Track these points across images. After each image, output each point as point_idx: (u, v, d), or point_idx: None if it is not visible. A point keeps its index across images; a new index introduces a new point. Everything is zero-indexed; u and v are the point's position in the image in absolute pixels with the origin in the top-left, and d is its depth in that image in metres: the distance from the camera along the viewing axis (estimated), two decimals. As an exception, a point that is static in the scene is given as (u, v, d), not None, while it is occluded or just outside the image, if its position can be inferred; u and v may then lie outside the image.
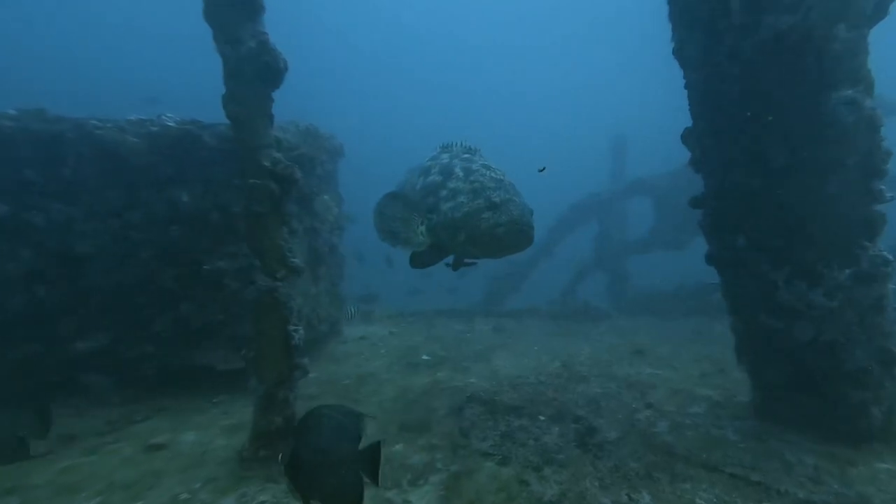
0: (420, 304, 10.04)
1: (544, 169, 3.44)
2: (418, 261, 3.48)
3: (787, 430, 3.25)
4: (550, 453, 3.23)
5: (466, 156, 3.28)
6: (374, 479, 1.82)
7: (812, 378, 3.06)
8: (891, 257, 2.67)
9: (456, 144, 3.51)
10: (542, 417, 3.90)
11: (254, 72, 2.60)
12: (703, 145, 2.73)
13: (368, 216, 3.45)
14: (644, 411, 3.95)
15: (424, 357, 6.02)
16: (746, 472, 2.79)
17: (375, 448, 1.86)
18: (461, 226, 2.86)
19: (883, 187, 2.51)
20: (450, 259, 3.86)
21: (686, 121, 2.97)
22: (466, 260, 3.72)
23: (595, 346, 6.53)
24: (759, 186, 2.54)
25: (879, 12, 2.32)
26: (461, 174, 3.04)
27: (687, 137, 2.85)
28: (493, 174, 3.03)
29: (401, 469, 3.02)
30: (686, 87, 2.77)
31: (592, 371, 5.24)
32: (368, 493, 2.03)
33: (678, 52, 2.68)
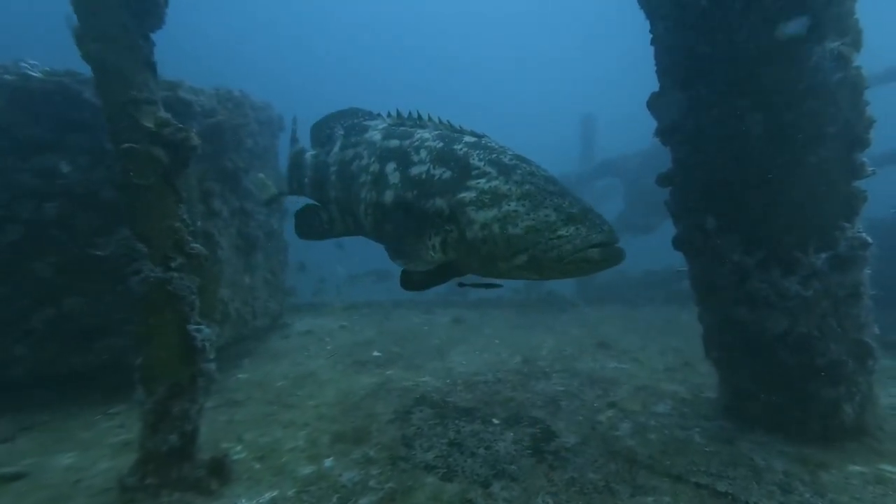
0: (380, 294, 9.58)
1: None
2: (414, 282, 2.51)
3: (757, 430, 3.08)
4: (502, 464, 2.93)
5: (470, 139, 2.42)
6: None
7: (783, 374, 2.87)
8: (869, 239, 2.48)
9: (428, 117, 2.66)
10: (496, 421, 3.60)
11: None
12: (670, 112, 2.44)
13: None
14: (606, 411, 3.72)
15: (375, 354, 5.61)
16: (713, 481, 2.57)
17: None
18: (521, 246, 2.02)
19: (865, 160, 2.30)
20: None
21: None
22: (491, 281, 2.68)
23: (559, 338, 6.32)
24: (733, 158, 2.27)
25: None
26: (493, 171, 2.17)
27: (653, 102, 2.54)
28: (540, 171, 2.23)
29: (327, 491, 2.63)
30: (652, 41, 2.45)
31: (554, 366, 5.01)
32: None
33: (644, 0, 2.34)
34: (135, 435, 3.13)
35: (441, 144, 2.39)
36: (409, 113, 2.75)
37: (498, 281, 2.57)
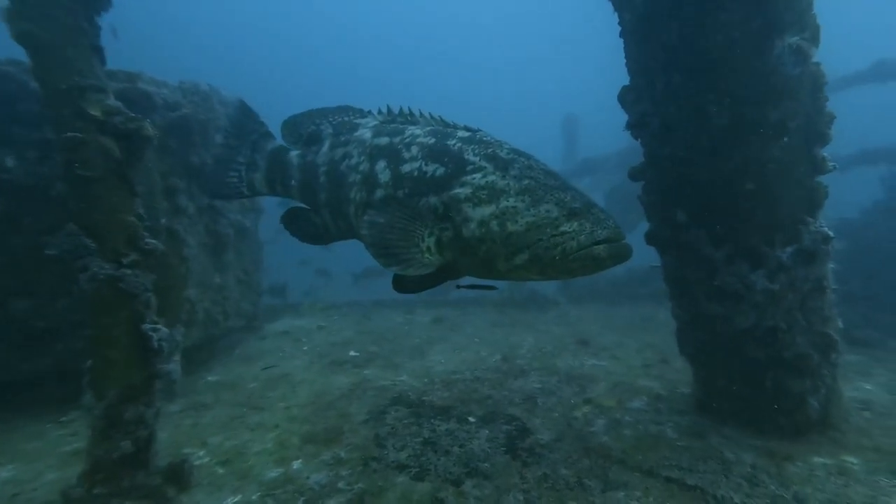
0: (360, 294, 9.48)
1: None
2: (406, 285, 2.35)
3: (728, 424, 3.13)
4: (476, 462, 2.90)
5: (464, 133, 2.31)
6: None
7: (752, 368, 2.91)
8: (831, 233, 2.53)
9: (420, 113, 2.55)
10: (472, 419, 3.57)
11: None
12: (640, 105, 2.44)
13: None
14: (582, 408, 3.73)
15: (352, 353, 5.53)
16: (683, 475, 2.59)
17: None
18: (521, 244, 1.92)
19: (826, 154, 2.35)
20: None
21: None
22: (489, 282, 2.59)
23: (539, 336, 6.33)
24: (700, 152, 2.29)
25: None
26: (489, 165, 2.08)
27: (623, 96, 2.55)
28: (538, 164, 2.14)
29: (293, 494, 2.55)
30: (621, 33, 2.45)
31: (533, 364, 5.01)
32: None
33: (612, -10, 2.35)
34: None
35: (433, 140, 2.29)
36: (401, 109, 2.63)
37: (494, 284, 2.47)
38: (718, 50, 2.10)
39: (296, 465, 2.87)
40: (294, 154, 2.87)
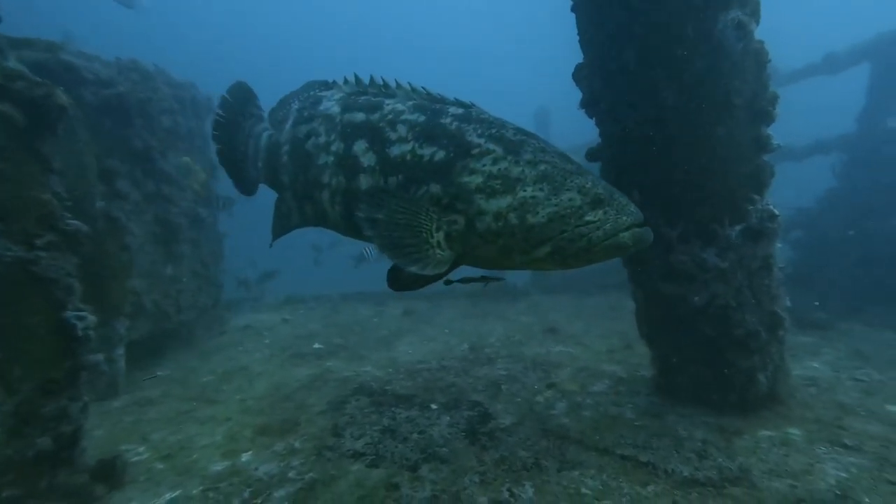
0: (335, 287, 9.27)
1: None
2: (404, 280, 2.11)
3: (684, 403, 3.20)
4: (434, 447, 2.86)
5: (457, 110, 2.07)
6: None
7: (705, 346, 2.98)
8: (777, 212, 2.60)
9: (397, 83, 2.26)
10: (434, 406, 3.53)
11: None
12: (592, 82, 2.43)
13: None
14: (545, 392, 3.74)
15: (316, 346, 5.40)
16: (637, 453, 2.62)
17: None
18: (544, 236, 1.79)
19: (770, 133, 2.40)
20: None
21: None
22: (494, 274, 2.38)
23: (509, 326, 6.36)
24: (651, 130, 2.30)
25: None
26: (497, 149, 1.88)
27: (577, 74, 2.54)
28: (549, 146, 1.96)
29: (239, 486, 2.44)
30: (573, 8, 2.42)
31: (501, 352, 5.01)
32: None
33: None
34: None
35: (423, 118, 2.04)
36: (371, 78, 2.31)
37: (500, 273, 2.33)
38: (665, 25, 2.10)
39: (245, 457, 2.76)
40: (265, 134, 2.64)
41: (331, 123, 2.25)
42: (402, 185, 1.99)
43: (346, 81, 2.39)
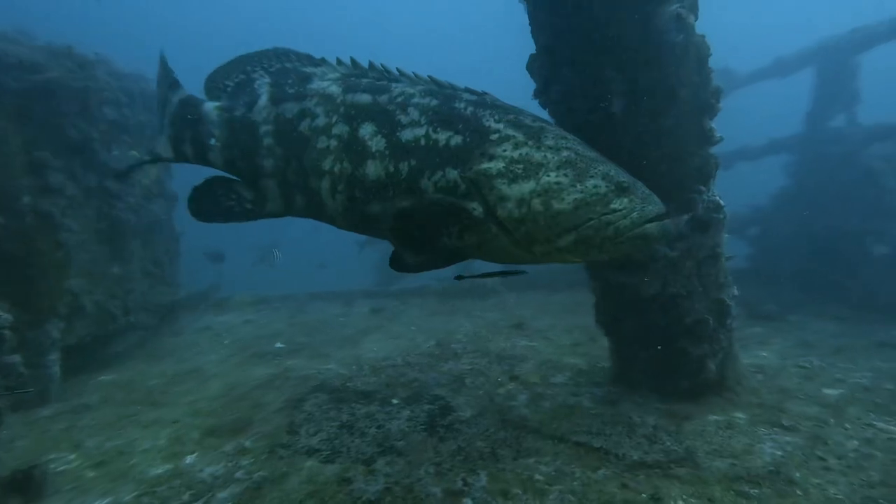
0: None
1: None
2: (408, 263, 2.05)
3: (639, 391, 3.31)
4: (391, 441, 2.85)
5: (470, 95, 2.00)
6: None
7: (657, 334, 3.09)
8: (722, 202, 2.73)
9: (398, 70, 2.15)
10: (395, 401, 3.52)
11: None
12: (544, 70, 2.50)
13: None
14: (507, 385, 3.79)
15: (278, 345, 5.29)
16: (590, 439, 2.70)
17: None
18: (569, 224, 1.74)
19: (714, 126, 2.53)
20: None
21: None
22: (514, 268, 2.22)
23: (476, 322, 6.41)
24: (600, 120, 2.38)
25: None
26: (517, 134, 1.83)
27: (531, 64, 2.60)
28: (569, 134, 1.95)
29: (178, 489, 2.36)
30: (521, -4, 2.49)
31: (467, 348, 5.05)
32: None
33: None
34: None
35: (436, 102, 1.95)
36: (371, 63, 2.18)
37: (523, 268, 2.19)
38: (609, 17, 2.18)
39: (189, 459, 2.67)
40: (212, 106, 2.31)
41: (331, 104, 2.09)
42: (415, 170, 1.89)
43: (339, 62, 2.26)
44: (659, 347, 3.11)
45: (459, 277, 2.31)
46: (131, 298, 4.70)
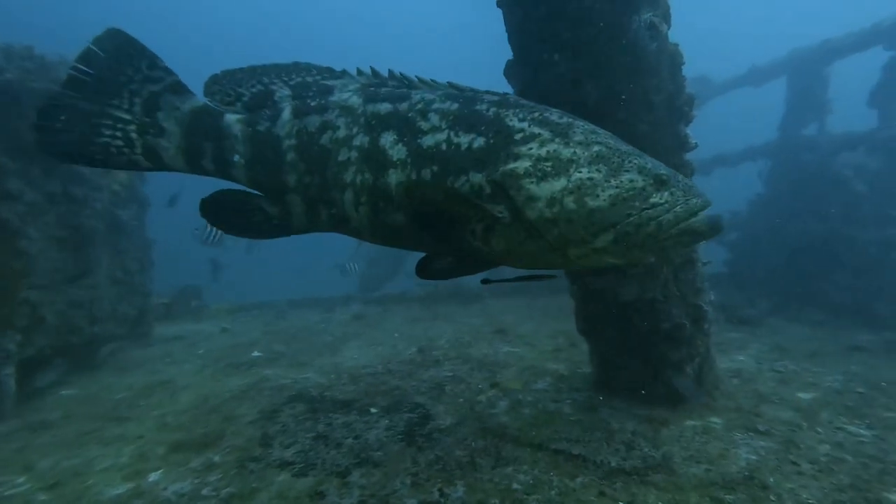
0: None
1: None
2: (433, 271, 2.05)
3: (618, 396, 3.33)
4: (368, 451, 2.80)
5: (491, 97, 1.96)
6: None
7: (636, 340, 3.13)
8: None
9: (418, 78, 2.11)
10: (374, 410, 3.46)
11: None
12: (521, 75, 2.52)
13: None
14: (488, 392, 3.78)
15: (255, 354, 5.17)
16: (569, 446, 2.69)
17: None
18: (606, 222, 1.66)
19: (689, 132, 2.59)
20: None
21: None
22: (543, 272, 2.15)
23: (459, 328, 6.39)
24: (577, 125, 2.40)
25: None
26: (544, 132, 1.78)
27: (508, 70, 2.62)
28: (603, 130, 1.90)
29: (141, 508, 2.26)
30: (498, 3, 2.50)
31: (449, 354, 5.02)
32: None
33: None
34: None
35: (457, 106, 1.90)
36: (390, 72, 2.17)
37: (552, 272, 2.14)
38: (584, 23, 2.22)
39: (153, 476, 2.57)
40: (234, 119, 2.19)
41: (351, 115, 2.06)
42: (437, 176, 1.85)
43: (359, 72, 2.22)
44: (637, 353, 3.14)
45: (486, 282, 2.24)
46: (98, 308, 4.53)
